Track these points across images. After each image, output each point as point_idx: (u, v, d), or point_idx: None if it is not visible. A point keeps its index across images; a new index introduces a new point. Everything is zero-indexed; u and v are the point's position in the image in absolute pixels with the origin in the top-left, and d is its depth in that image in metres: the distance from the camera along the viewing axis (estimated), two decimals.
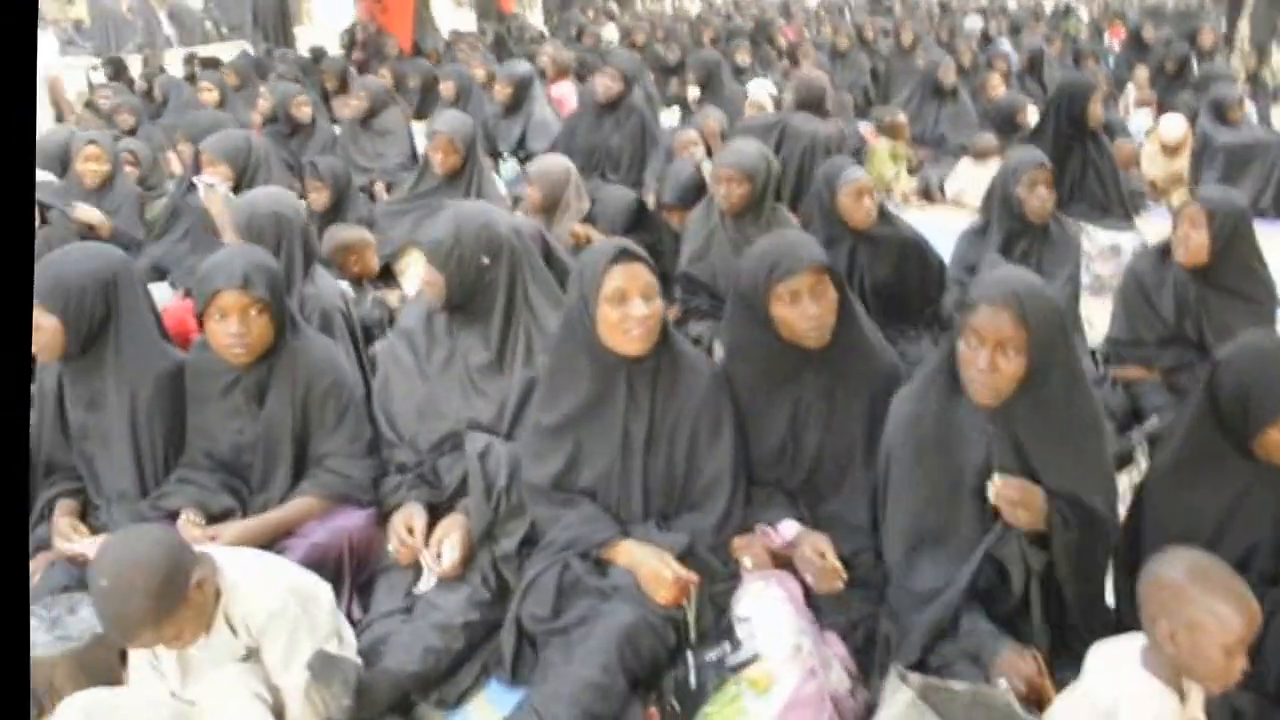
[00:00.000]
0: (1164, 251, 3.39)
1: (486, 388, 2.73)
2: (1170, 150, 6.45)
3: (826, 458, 2.50)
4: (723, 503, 2.42)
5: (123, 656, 2.18)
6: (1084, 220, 4.81)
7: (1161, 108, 7.67)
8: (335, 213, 4.58)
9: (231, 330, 2.45)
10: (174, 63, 10.29)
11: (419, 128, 6.59)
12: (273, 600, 1.97)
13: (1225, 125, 6.05)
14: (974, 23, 12.26)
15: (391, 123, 6.21)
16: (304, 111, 6.22)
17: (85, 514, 2.68)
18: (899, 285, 3.74)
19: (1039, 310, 2.06)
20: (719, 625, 2.28)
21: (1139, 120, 7.72)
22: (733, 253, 3.83)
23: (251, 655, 2.00)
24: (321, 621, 2.03)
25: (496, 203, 4.72)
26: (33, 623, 2.25)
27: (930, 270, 3.82)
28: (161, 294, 4.52)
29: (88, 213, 4.55)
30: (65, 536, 2.52)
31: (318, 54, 9.65)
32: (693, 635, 2.25)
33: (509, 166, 5.98)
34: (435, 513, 2.59)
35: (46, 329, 2.50)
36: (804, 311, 2.37)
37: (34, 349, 2.51)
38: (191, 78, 8.76)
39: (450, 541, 2.44)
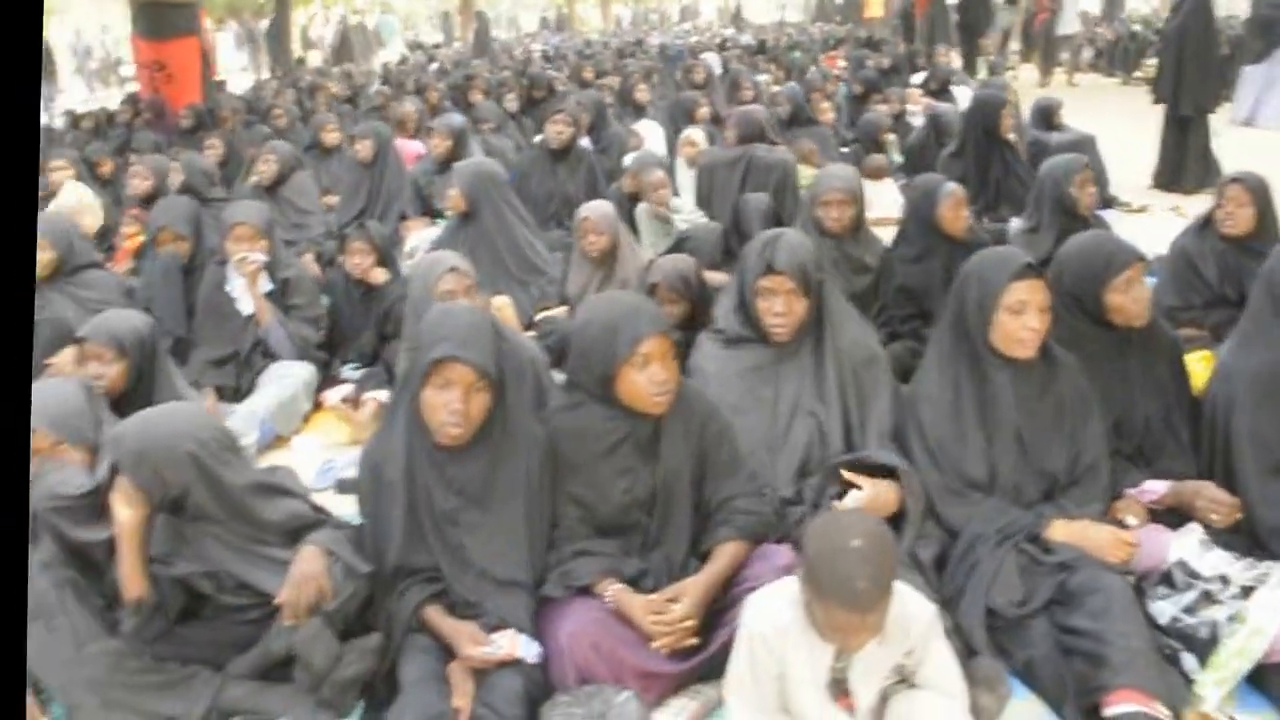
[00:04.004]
0: (1200, 228, 4.10)
1: (820, 408, 2.82)
2: None
3: (1153, 421, 2.86)
4: (1103, 476, 2.70)
5: None
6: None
7: None
8: None
9: (659, 378, 2.37)
10: None
11: None
12: (926, 607, 2.00)
13: (1051, 129, 7.10)
14: (712, 59, 13.23)
15: (302, 189, 5.81)
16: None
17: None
18: None
19: None
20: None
21: None
22: (833, 270, 4.11)
23: (900, 668, 2.01)
24: None
25: (525, 240, 4.66)
26: None
27: None
28: None
29: None
30: (479, 641, 2.30)
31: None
32: None
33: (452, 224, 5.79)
34: None
35: (478, 408, 2.29)
36: (1136, 296, 2.75)
37: (454, 433, 2.29)
38: None
39: None
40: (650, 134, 7.06)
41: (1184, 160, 7.31)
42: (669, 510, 2.54)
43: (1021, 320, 2.54)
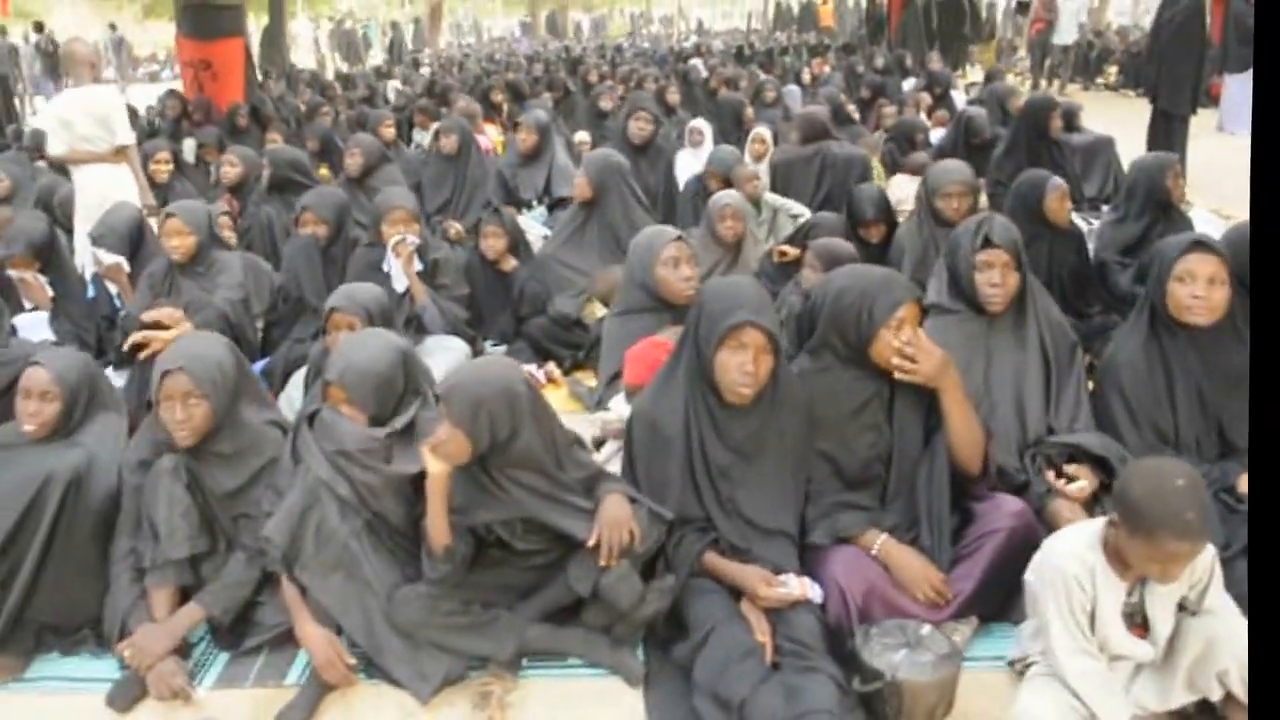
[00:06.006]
0: None
1: (1031, 377, 3.09)
2: None
3: None
4: None
5: None
6: None
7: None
8: None
9: (911, 339, 2.60)
10: None
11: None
12: (1208, 548, 2.26)
13: (1070, 131, 7.48)
14: (698, 64, 13.52)
15: (391, 180, 5.92)
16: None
17: None
18: (1080, 271, 4.52)
19: None
20: None
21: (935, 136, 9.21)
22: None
23: (1184, 599, 2.26)
24: None
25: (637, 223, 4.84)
26: (900, 654, 2.30)
27: (1088, 257, 4.64)
28: None
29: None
30: (771, 583, 2.50)
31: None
32: None
33: (538, 214, 5.98)
34: None
35: (765, 369, 2.50)
36: None
37: (746, 392, 2.51)
38: None
39: None
40: (706, 131, 7.28)
41: None
42: (904, 464, 2.73)
43: (1188, 289, 2.84)
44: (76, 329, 4.63)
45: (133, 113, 10.07)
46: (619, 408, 3.26)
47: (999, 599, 2.65)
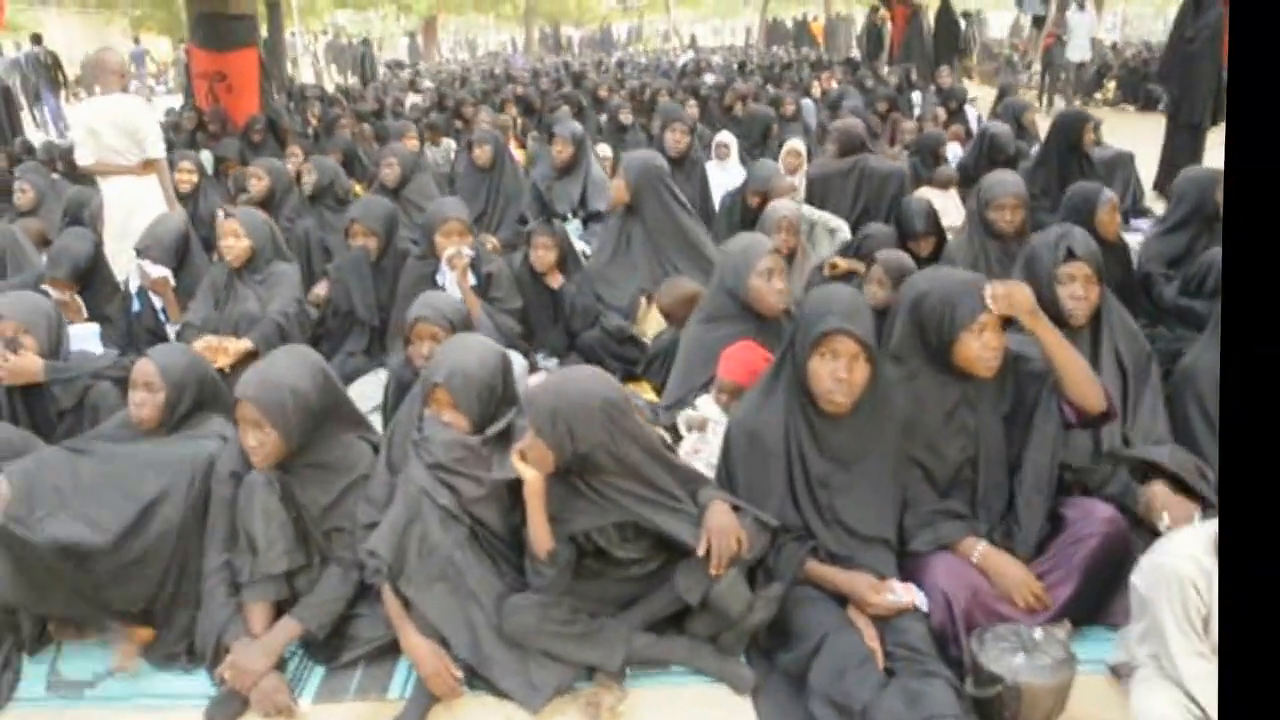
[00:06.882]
0: None
1: (1110, 389, 3.09)
2: None
3: None
4: None
5: None
6: None
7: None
8: None
9: (993, 344, 2.62)
10: None
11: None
12: None
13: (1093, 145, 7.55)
14: (709, 78, 13.62)
15: (424, 190, 5.94)
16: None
17: None
18: (1126, 284, 4.56)
19: None
20: None
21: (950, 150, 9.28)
22: (997, 266, 4.43)
23: None
24: None
25: (690, 231, 4.85)
26: (1019, 658, 2.31)
27: (1132, 270, 4.68)
28: None
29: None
30: (878, 590, 2.52)
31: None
32: None
33: (573, 227, 5.98)
34: None
35: (860, 377, 2.52)
36: None
37: (840, 400, 2.52)
38: None
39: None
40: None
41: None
42: (992, 469, 2.75)
43: None
44: (119, 345, 4.61)
45: None
46: (705, 407, 3.28)
47: (1092, 604, 2.67)
